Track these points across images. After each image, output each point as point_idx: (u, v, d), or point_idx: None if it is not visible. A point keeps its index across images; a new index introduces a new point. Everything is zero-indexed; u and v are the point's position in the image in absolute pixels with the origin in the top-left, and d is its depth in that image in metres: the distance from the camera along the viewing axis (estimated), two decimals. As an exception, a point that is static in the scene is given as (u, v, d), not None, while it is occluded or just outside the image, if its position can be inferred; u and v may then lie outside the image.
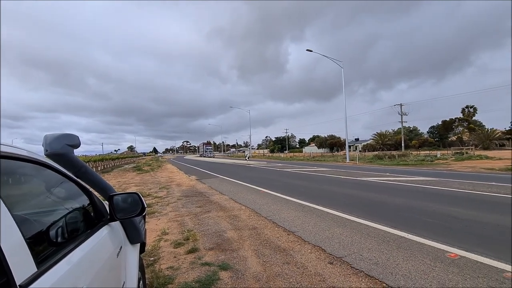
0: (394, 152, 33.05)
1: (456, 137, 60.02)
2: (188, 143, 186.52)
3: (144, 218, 2.43)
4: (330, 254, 3.52)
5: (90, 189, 1.62)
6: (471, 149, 30.28)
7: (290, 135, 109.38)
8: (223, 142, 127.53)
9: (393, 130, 66.43)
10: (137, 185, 12.35)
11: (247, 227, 4.87)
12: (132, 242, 1.92)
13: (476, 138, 49.88)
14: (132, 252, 1.90)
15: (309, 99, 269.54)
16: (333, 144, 77.39)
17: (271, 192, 8.68)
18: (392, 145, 58.36)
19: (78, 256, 1.09)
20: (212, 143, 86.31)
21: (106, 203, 1.71)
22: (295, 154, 61.90)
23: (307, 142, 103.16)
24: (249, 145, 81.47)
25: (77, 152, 1.65)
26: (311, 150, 69.30)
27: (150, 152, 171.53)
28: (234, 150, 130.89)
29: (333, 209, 5.94)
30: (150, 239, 4.32)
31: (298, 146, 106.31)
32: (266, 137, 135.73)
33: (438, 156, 26.71)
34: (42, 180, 1.32)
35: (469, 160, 22.35)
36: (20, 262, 0.75)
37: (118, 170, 24.65)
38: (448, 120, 62.61)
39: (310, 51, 28.28)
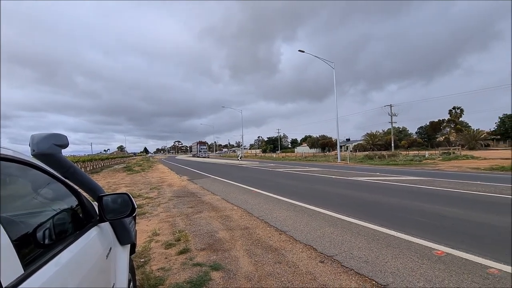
0: (384, 152, 33.62)
1: (443, 137, 61.61)
2: (179, 143, 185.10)
3: (134, 219, 2.41)
4: (321, 253, 3.56)
5: (78, 189, 1.59)
6: (458, 149, 31.11)
7: (282, 135, 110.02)
8: (215, 142, 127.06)
9: (383, 131, 67.58)
10: (127, 185, 12.17)
11: (239, 227, 4.87)
12: (122, 243, 1.90)
13: (462, 139, 51.26)
14: (122, 253, 1.88)
15: (301, 99, 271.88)
16: (324, 144, 78.14)
17: (263, 192, 8.71)
18: (382, 145, 59.34)
19: (66, 257, 1.08)
20: (208, 143, 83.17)
21: (95, 204, 1.69)
22: (287, 154, 62.19)
23: (299, 142, 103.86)
24: (241, 145, 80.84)
25: (65, 152, 1.62)
26: (303, 150, 69.70)
27: (141, 152, 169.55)
28: (226, 150, 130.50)
29: (324, 208, 6.01)
30: (140, 240, 4.27)
31: (290, 146, 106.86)
32: (259, 137, 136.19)
33: (426, 156, 27.33)
34: (28, 180, 1.30)
35: (456, 160, 22.96)
36: (6, 264, 0.74)
37: (107, 171, 24.24)
38: (436, 121, 64.21)
39: (302, 52, 28.49)
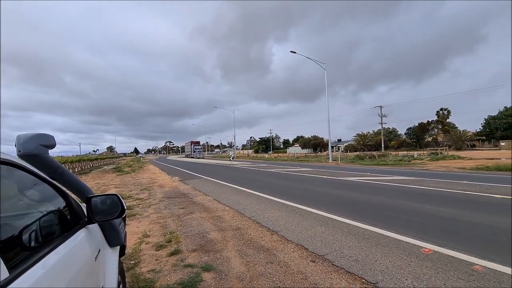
0: (374, 152, 34.20)
1: (431, 138, 63.20)
2: (171, 144, 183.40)
3: (124, 220, 2.38)
4: (313, 253, 3.59)
5: (66, 191, 1.57)
6: (445, 149, 31.94)
7: (275, 136, 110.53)
8: (207, 142, 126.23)
9: (373, 131, 68.81)
10: (117, 186, 11.97)
11: (231, 228, 4.87)
12: (111, 245, 1.87)
13: (449, 139, 52.66)
14: (111, 255, 1.85)
15: (293, 100, 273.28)
16: (316, 144, 78.88)
17: (255, 192, 8.71)
18: (372, 145, 60.34)
19: (53, 260, 1.06)
20: (200, 143, 78.21)
21: (83, 205, 1.66)
22: (279, 154, 62.44)
23: (291, 142, 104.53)
24: (233, 145, 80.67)
25: (52, 152, 1.59)
26: (295, 150, 70.04)
27: (131, 152, 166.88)
28: (219, 150, 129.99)
29: (316, 208, 6.06)
30: (130, 242, 4.21)
31: (282, 146, 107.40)
32: (251, 137, 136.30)
33: (415, 156, 27.94)
34: (14, 182, 1.26)
35: (443, 160, 23.55)
36: None
37: (96, 172, 23.77)
38: (424, 122, 65.73)
39: (294, 53, 28.66)
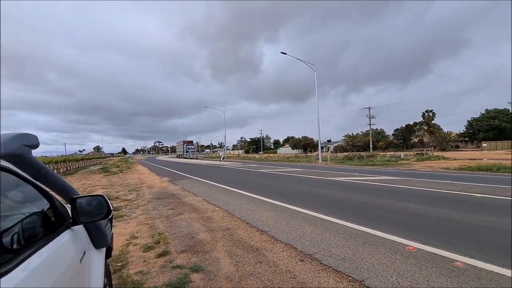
0: (363, 153, 34.80)
1: (417, 139, 64.84)
2: (160, 144, 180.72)
3: (110, 221, 2.34)
4: (301, 252, 3.63)
5: (50, 192, 1.53)
6: (431, 150, 32.76)
7: (265, 136, 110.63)
8: (197, 142, 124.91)
9: (362, 132, 69.95)
10: (104, 187, 11.72)
11: (221, 228, 4.86)
12: (97, 246, 1.84)
13: (435, 140, 54.20)
14: (97, 257, 1.82)
15: (283, 100, 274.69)
16: (306, 145, 79.54)
17: (245, 192, 8.72)
18: (361, 146, 61.37)
19: (36, 262, 1.04)
20: (194, 142, 74.07)
21: (68, 207, 1.63)
22: (270, 155, 62.65)
23: (282, 143, 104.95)
24: (224, 145, 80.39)
25: (36, 152, 1.56)
26: (286, 151, 70.46)
27: (119, 152, 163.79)
28: (209, 151, 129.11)
29: (305, 208, 6.12)
30: (118, 244, 4.13)
31: (272, 147, 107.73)
32: (241, 137, 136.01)
33: (401, 157, 28.58)
34: None
35: (428, 160, 24.20)
36: None
37: (83, 172, 23.18)
38: (411, 123, 67.44)
39: (284, 54, 28.83)
